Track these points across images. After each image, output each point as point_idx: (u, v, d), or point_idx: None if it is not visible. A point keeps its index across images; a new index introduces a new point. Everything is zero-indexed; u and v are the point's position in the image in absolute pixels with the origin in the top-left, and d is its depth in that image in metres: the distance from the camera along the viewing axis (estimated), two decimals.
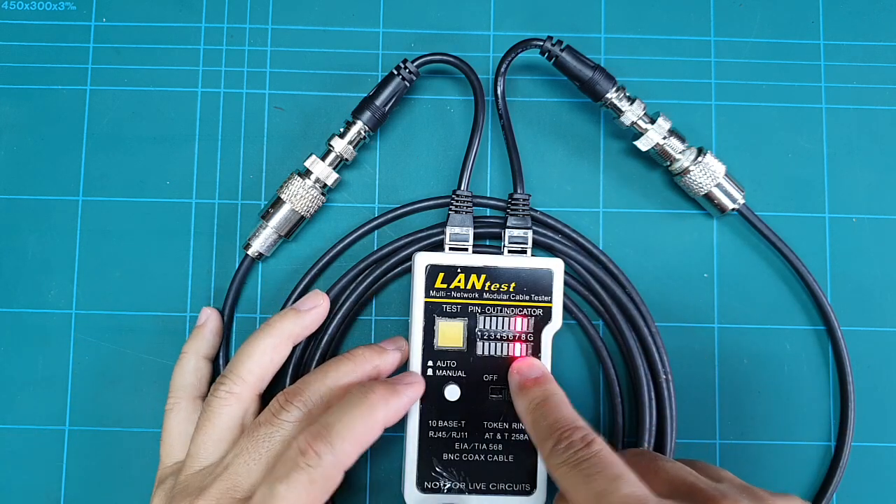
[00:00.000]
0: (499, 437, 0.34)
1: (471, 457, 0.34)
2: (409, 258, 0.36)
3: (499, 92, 0.37)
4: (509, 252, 0.36)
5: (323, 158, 0.37)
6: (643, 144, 0.37)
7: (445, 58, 0.37)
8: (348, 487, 0.38)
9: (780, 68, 0.41)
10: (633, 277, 0.38)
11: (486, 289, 0.35)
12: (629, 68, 0.40)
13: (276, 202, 0.37)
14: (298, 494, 0.27)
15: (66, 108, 0.40)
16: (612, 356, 0.38)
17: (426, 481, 0.34)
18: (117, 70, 0.40)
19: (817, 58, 0.41)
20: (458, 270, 0.35)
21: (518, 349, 0.35)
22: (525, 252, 0.36)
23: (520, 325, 0.35)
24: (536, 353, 0.35)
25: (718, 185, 0.37)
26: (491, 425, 0.34)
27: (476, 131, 0.36)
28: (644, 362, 0.37)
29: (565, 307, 0.37)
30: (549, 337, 0.35)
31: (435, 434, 0.34)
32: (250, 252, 0.37)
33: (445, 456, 0.34)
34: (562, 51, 0.36)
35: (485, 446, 0.34)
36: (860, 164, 0.40)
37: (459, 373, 0.34)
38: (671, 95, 0.40)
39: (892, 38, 0.41)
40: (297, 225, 0.37)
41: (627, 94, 0.37)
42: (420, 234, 0.37)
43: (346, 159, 0.37)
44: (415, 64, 0.37)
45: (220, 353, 0.37)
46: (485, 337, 0.35)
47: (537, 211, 0.38)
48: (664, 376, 0.37)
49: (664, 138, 0.37)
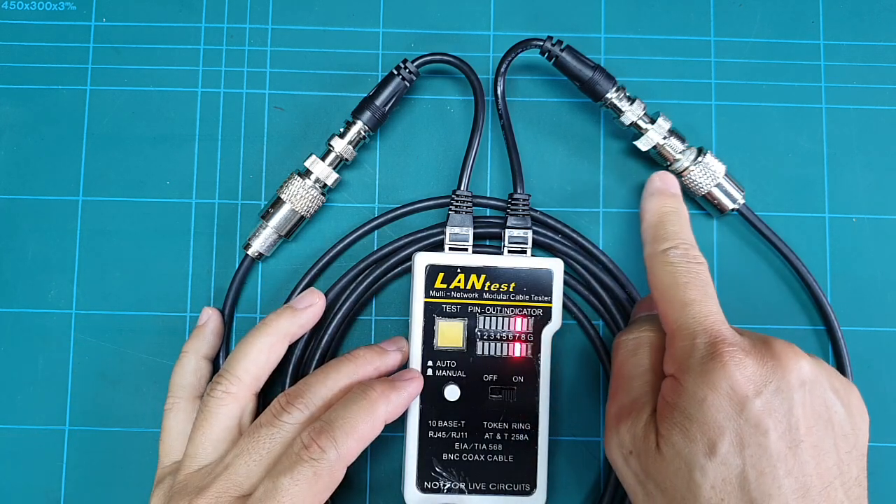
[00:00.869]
0: (499, 437, 0.34)
1: (471, 457, 0.34)
2: (409, 258, 0.36)
3: (499, 92, 0.37)
4: (509, 252, 0.36)
5: (323, 158, 0.37)
6: (643, 144, 0.37)
7: (445, 58, 0.37)
8: (349, 487, 0.38)
9: (780, 68, 0.41)
10: (633, 277, 0.38)
11: (486, 289, 0.35)
12: (629, 68, 0.40)
13: (276, 202, 0.37)
14: (301, 488, 0.28)
15: (66, 108, 0.40)
16: (612, 356, 0.38)
17: (426, 481, 0.34)
18: (117, 70, 0.40)
19: (817, 58, 0.41)
20: (458, 270, 0.35)
21: (518, 349, 0.35)
22: (525, 252, 0.36)
23: (519, 325, 0.35)
24: (536, 353, 0.35)
25: (718, 185, 0.37)
26: (491, 425, 0.34)
27: (476, 131, 0.36)
28: None
29: (565, 307, 0.37)
30: (549, 337, 0.35)
31: (435, 434, 0.34)
32: (250, 252, 0.37)
33: (445, 456, 0.34)
34: (562, 51, 0.36)
35: (485, 446, 0.34)
36: (860, 164, 0.40)
37: (459, 373, 0.34)
38: (671, 95, 0.40)
39: (892, 38, 0.41)
40: (297, 225, 0.37)
41: (627, 94, 0.37)
42: (420, 234, 0.37)
43: (346, 159, 0.37)
44: (415, 64, 0.37)
45: (221, 353, 0.37)
46: (485, 337, 0.35)
47: (537, 211, 0.38)
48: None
49: (664, 138, 0.37)
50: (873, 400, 0.39)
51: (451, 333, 0.35)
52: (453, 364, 0.34)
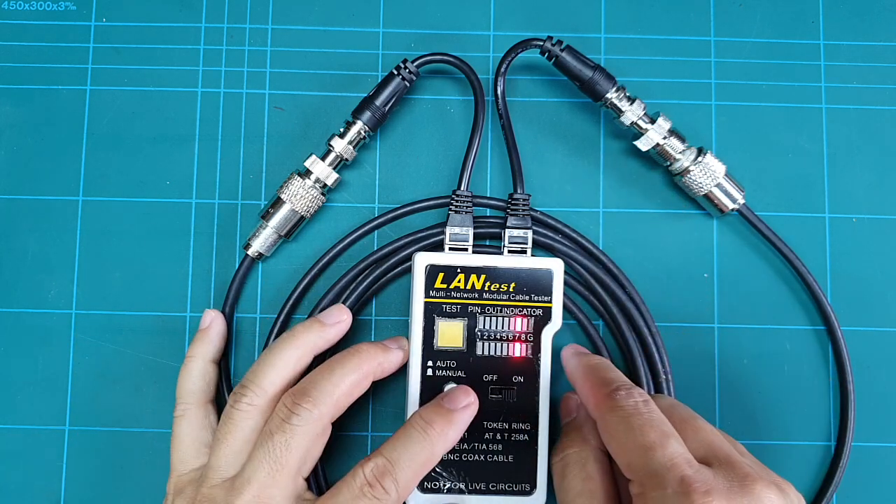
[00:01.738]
0: (498, 437, 0.34)
1: (470, 457, 0.34)
2: (409, 258, 0.36)
3: (499, 92, 0.37)
4: (509, 252, 0.36)
5: (323, 158, 0.37)
6: (643, 144, 0.37)
7: (445, 58, 0.37)
8: None
9: (780, 68, 0.41)
10: (633, 277, 0.38)
11: (486, 289, 0.35)
12: (629, 68, 0.40)
13: (276, 202, 0.37)
14: None
15: (66, 108, 0.40)
16: (612, 356, 0.38)
17: (426, 481, 0.34)
18: (117, 70, 0.40)
19: (817, 58, 0.41)
20: (458, 270, 0.35)
21: (518, 349, 0.35)
22: (525, 252, 0.36)
23: (519, 325, 0.35)
24: (536, 353, 0.35)
25: (718, 185, 0.37)
26: (491, 425, 0.34)
27: (476, 131, 0.36)
28: (644, 362, 0.37)
29: (565, 307, 0.37)
30: (549, 337, 0.35)
31: None
32: (250, 252, 0.37)
33: (445, 456, 0.34)
34: (562, 51, 0.36)
35: (484, 446, 0.34)
36: (860, 164, 0.40)
37: (459, 373, 0.34)
38: (671, 95, 0.40)
39: (892, 38, 0.41)
40: (297, 225, 0.37)
41: (627, 94, 0.37)
42: (420, 234, 0.37)
43: (346, 159, 0.37)
44: (415, 64, 0.37)
45: (230, 354, 0.37)
46: (484, 337, 0.35)
47: (537, 211, 0.38)
48: (664, 376, 0.37)
49: (664, 138, 0.37)
50: (873, 400, 0.39)
51: (451, 333, 0.35)
52: (453, 364, 0.34)
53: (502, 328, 0.35)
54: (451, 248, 0.36)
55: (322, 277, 0.38)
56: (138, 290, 0.39)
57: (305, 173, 0.37)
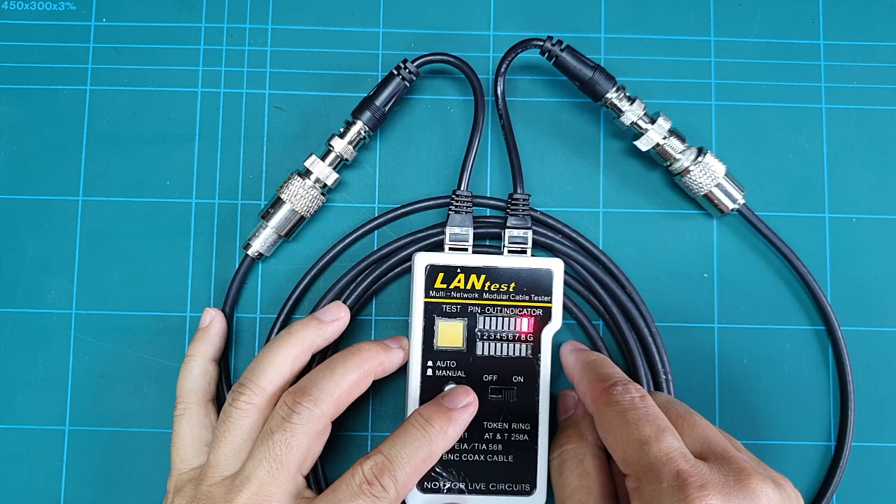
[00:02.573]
0: (498, 437, 0.34)
1: (470, 457, 0.34)
2: (409, 258, 0.36)
3: (499, 92, 0.37)
4: (509, 252, 0.36)
5: (323, 158, 0.37)
6: (643, 144, 0.37)
7: (445, 58, 0.37)
8: None
9: (780, 68, 0.41)
10: (633, 277, 0.38)
11: (486, 289, 0.35)
12: (629, 68, 0.40)
13: (276, 202, 0.37)
14: None
15: (66, 108, 0.40)
16: (613, 356, 0.38)
17: (426, 481, 0.34)
18: (117, 70, 0.40)
19: (817, 58, 0.41)
20: (458, 270, 0.35)
21: (518, 349, 0.35)
22: (525, 252, 0.36)
23: (520, 325, 0.35)
24: (536, 353, 0.35)
25: (718, 185, 0.37)
26: (491, 425, 0.34)
27: (476, 131, 0.36)
28: (644, 362, 0.37)
29: (565, 307, 0.37)
30: (549, 337, 0.35)
31: None
32: (250, 252, 0.37)
33: (445, 456, 0.34)
34: (562, 51, 0.36)
35: (484, 446, 0.34)
36: (860, 164, 0.40)
37: (459, 373, 0.34)
38: (671, 95, 0.40)
39: (892, 38, 0.41)
40: (297, 225, 0.37)
41: (627, 94, 0.37)
42: (420, 234, 0.37)
43: (346, 159, 0.37)
44: (415, 64, 0.37)
45: (230, 354, 0.37)
46: (484, 337, 0.35)
47: (537, 211, 0.38)
48: (664, 376, 0.37)
49: (664, 138, 0.37)
50: (873, 400, 0.39)
51: (450, 333, 0.35)
52: (453, 364, 0.34)
53: (502, 328, 0.35)
54: (451, 248, 0.36)
55: (322, 277, 0.38)
56: (138, 290, 0.39)
57: (305, 173, 0.37)
